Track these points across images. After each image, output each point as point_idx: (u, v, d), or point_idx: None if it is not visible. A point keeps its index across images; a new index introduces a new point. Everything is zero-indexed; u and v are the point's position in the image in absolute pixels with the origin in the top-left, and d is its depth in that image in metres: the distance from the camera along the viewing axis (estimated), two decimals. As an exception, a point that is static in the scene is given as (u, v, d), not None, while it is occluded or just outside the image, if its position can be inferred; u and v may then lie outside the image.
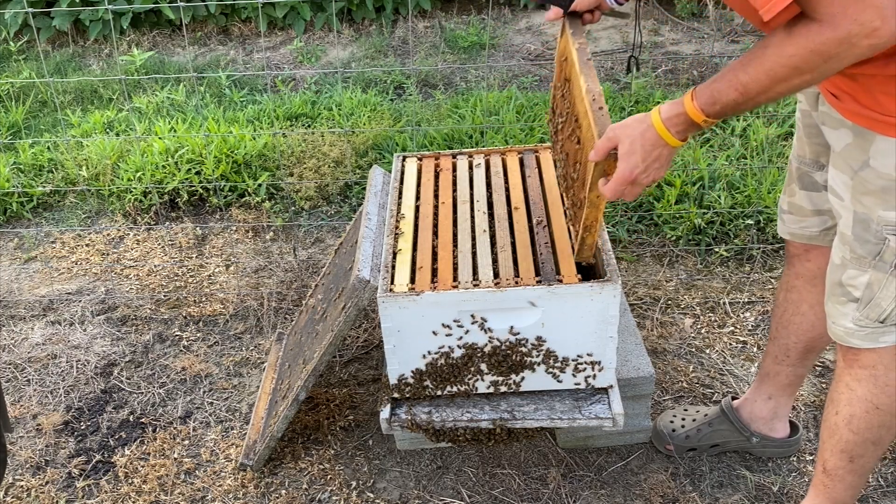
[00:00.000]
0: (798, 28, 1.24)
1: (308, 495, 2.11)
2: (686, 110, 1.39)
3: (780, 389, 2.05)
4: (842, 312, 1.59)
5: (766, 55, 1.30)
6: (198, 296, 2.84)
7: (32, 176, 3.45)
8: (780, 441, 2.11)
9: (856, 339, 1.59)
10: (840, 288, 1.57)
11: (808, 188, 1.80)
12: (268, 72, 3.70)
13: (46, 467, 2.24)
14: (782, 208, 1.91)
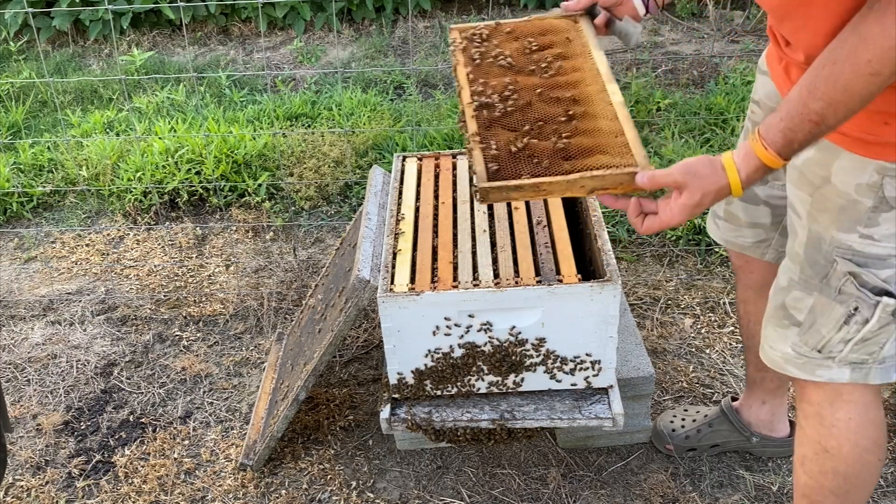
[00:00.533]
0: (869, 27, 1.13)
1: (308, 495, 2.11)
2: (764, 162, 1.25)
3: (771, 393, 2.05)
4: (782, 336, 1.51)
5: (839, 71, 1.16)
6: (198, 296, 2.84)
7: (32, 176, 3.45)
8: (780, 440, 2.11)
9: (792, 366, 1.51)
10: (783, 311, 1.50)
11: (748, 201, 1.75)
12: (268, 72, 3.70)
13: (46, 467, 2.24)
14: (716, 213, 1.87)
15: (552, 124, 1.43)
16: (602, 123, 1.40)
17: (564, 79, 1.53)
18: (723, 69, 3.99)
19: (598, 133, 1.39)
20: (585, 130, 1.41)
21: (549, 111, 1.46)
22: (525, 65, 1.57)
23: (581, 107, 1.45)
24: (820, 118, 1.19)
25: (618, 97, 1.45)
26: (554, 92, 1.49)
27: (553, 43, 1.62)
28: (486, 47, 1.61)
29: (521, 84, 1.52)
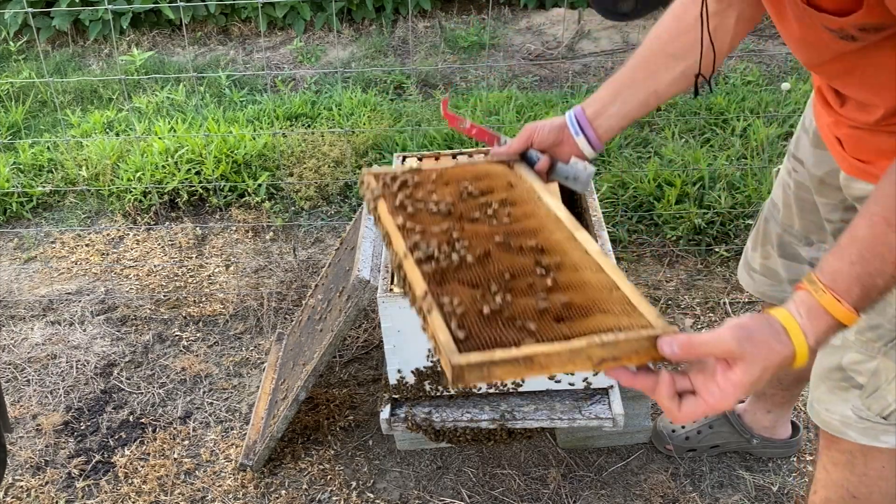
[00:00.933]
0: None
1: (308, 495, 2.11)
2: (838, 319, 1.02)
3: (778, 406, 2.04)
4: (840, 399, 1.36)
5: None
6: (198, 296, 2.84)
7: (32, 176, 3.45)
8: (781, 442, 2.11)
9: (853, 431, 1.36)
10: (839, 372, 1.35)
11: (789, 258, 1.65)
12: (268, 72, 3.70)
13: (46, 467, 2.24)
14: (752, 266, 1.75)
15: (525, 277, 1.12)
16: (588, 276, 1.12)
17: (520, 226, 1.24)
18: (723, 69, 3.99)
19: (587, 287, 1.10)
20: (570, 285, 1.11)
21: (515, 262, 1.15)
22: (467, 211, 1.28)
23: (553, 256, 1.17)
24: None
25: (593, 245, 1.17)
26: (514, 239, 1.20)
27: (493, 188, 1.36)
28: (414, 192, 1.34)
29: (468, 232, 1.22)
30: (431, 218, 1.26)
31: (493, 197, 1.32)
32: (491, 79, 4.15)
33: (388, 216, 1.26)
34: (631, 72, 1.40)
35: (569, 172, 1.41)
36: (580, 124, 1.40)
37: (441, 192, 1.34)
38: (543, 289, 1.09)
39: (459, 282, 1.11)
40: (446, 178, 1.38)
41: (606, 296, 1.08)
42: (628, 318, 1.03)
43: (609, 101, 1.40)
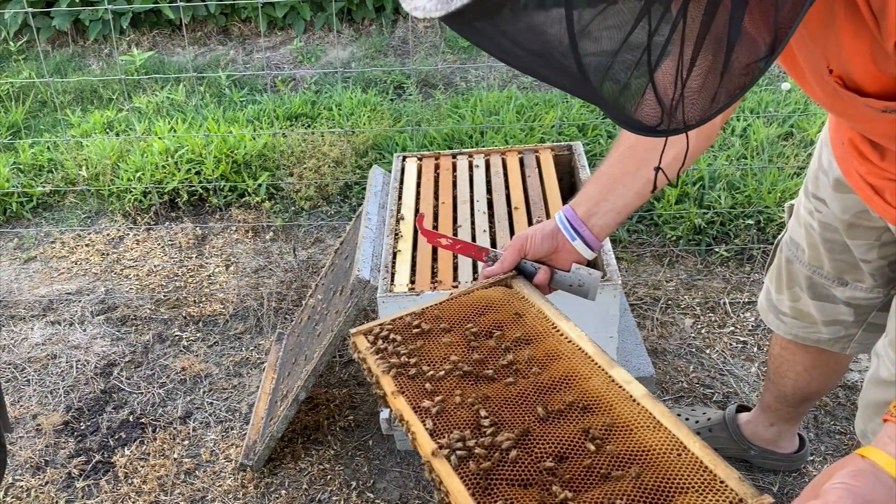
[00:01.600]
0: None
1: (308, 495, 2.11)
2: None
3: (783, 421, 2.00)
4: None
5: None
6: (198, 296, 2.84)
7: (32, 176, 3.45)
8: (783, 455, 2.06)
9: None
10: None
11: (822, 299, 1.59)
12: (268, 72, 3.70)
13: (46, 467, 2.24)
14: (780, 310, 1.69)
15: (579, 458, 0.96)
16: (647, 437, 0.97)
17: (549, 375, 1.08)
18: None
19: (651, 457, 0.95)
20: (631, 455, 0.95)
21: (560, 435, 0.99)
22: (480, 367, 1.11)
23: (600, 416, 1.01)
24: None
25: (637, 388, 1.02)
26: (549, 400, 1.04)
27: (500, 323, 1.19)
28: (414, 350, 1.15)
29: (495, 400, 1.05)
30: (444, 386, 1.09)
31: (505, 338, 1.16)
32: (491, 79, 4.15)
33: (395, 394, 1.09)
34: (620, 164, 1.28)
35: (573, 280, 1.30)
36: (574, 227, 1.29)
37: (445, 344, 1.16)
38: (604, 469, 0.94)
39: (510, 482, 0.95)
40: (444, 320, 1.20)
41: (676, 463, 0.94)
42: (713, 494, 0.89)
43: (601, 197, 1.29)
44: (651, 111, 0.77)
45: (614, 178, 1.28)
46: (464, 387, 1.08)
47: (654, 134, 0.79)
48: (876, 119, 1.02)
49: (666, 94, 0.75)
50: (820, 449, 2.15)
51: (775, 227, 2.87)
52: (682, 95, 0.76)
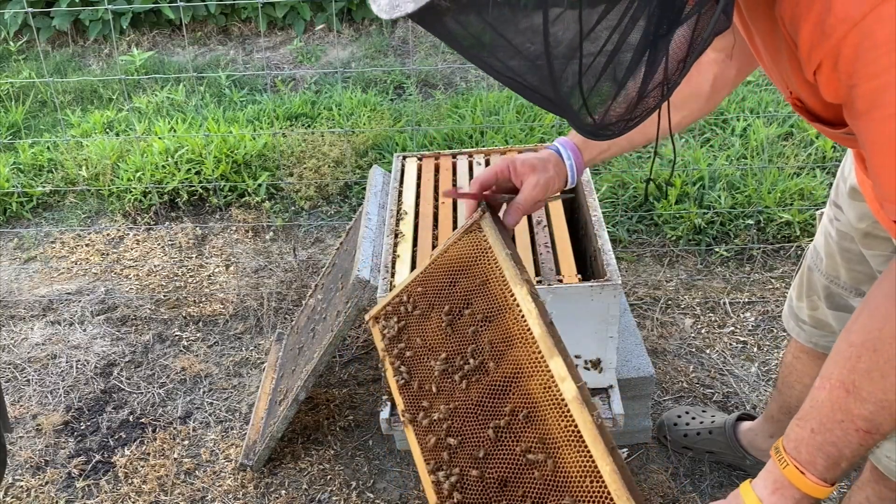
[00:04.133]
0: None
1: (308, 495, 2.11)
2: (805, 492, 0.96)
3: (781, 433, 1.98)
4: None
5: (885, 360, 0.89)
6: (198, 296, 2.84)
7: (32, 176, 3.45)
8: None
9: None
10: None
11: (840, 309, 1.59)
12: (268, 72, 3.70)
13: (46, 467, 2.24)
14: (800, 317, 1.70)
15: (519, 484, 1.14)
16: (565, 456, 1.09)
17: (500, 373, 1.22)
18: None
19: (567, 481, 1.08)
20: (554, 482, 1.10)
21: (505, 459, 1.17)
22: (450, 363, 1.29)
23: (534, 429, 1.14)
24: (873, 427, 0.90)
25: (569, 388, 1.11)
26: (497, 411, 1.20)
27: (469, 298, 1.32)
28: (401, 349, 1.37)
29: (459, 415, 1.24)
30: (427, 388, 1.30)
31: (473, 316, 1.29)
32: (491, 79, 4.15)
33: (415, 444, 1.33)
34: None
35: (554, 199, 1.38)
36: (569, 150, 1.36)
37: (428, 331, 1.34)
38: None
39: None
40: (430, 296, 1.36)
41: (584, 490, 1.04)
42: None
43: (605, 146, 1.37)
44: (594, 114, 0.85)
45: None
46: (441, 388, 1.28)
47: (593, 136, 0.88)
48: (842, 138, 1.05)
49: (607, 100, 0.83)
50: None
51: (775, 227, 2.87)
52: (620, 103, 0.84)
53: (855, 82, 0.83)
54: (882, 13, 0.78)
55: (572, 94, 0.82)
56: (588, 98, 0.82)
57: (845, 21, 0.80)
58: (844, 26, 0.80)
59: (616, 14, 0.77)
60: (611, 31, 0.78)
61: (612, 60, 0.80)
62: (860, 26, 0.79)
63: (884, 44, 0.79)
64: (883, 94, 0.82)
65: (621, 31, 0.78)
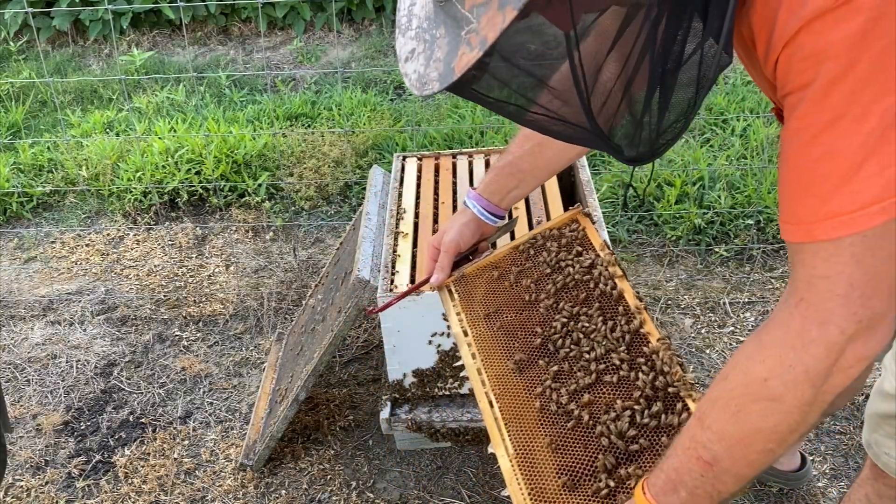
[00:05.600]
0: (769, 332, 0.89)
1: (308, 495, 2.11)
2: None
3: None
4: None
5: (729, 390, 0.91)
6: (198, 296, 2.84)
7: (32, 176, 3.45)
8: (781, 472, 2.03)
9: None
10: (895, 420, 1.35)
11: None
12: (268, 72, 3.70)
13: (46, 467, 2.24)
14: None
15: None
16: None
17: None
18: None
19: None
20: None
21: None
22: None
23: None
24: (710, 457, 0.91)
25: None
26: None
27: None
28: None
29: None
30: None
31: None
32: (491, 79, 4.15)
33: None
34: (531, 158, 1.42)
35: (500, 233, 1.55)
36: (493, 214, 1.48)
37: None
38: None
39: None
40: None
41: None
42: None
43: (512, 186, 1.46)
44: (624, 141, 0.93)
45: (524, 172, 1.44)
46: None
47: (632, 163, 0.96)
48: None
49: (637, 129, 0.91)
50: (819, 448, 2.15)
51: (775, 227, 2.87)
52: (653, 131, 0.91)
53: (785, 93, 0.86)
54: (813, 27, 0.79)
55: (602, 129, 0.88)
56: (613, 134, 0.90)
57: (783, 37, 0.82)
58: (783, 41, 0.82)
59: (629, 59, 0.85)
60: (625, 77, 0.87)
61: (627, 100, 0.88)
62: (794, 39, 0.81)
63: (810, 56, 0.80)
64: (797, 107, 0.84)
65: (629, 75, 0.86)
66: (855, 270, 0.82)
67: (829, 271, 0.84)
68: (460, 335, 1.37)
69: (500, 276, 1.44)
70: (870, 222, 0.80)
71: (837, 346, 0.84)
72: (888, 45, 0.77)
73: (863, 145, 0.79)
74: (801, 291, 0.87)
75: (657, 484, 0.97)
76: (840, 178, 0.81)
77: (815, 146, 0.82)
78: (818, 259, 0.85)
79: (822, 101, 0.81)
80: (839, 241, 0.82)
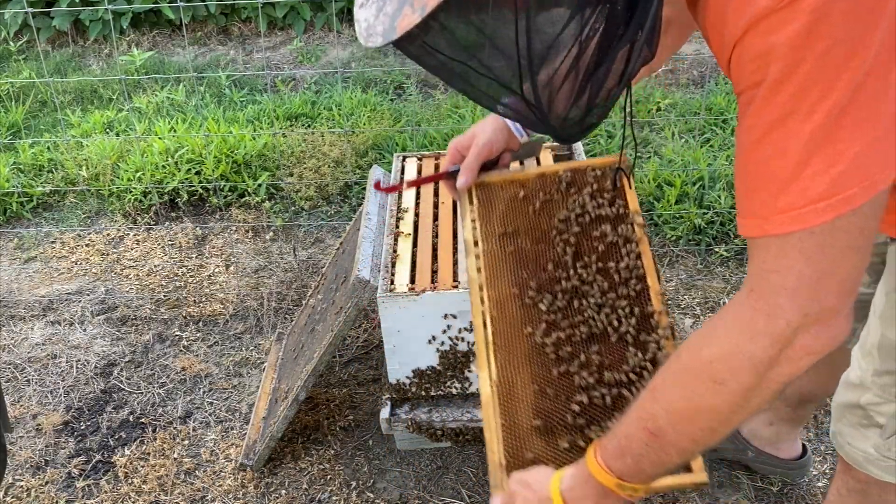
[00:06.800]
0: (722, 317, 0.93)
1: (308, 495, 2.11)
2: (591, 472, 1.00)
3: (781, 421, 1.98)
4: (861, 436, 1.37)
5: (681, 368, 0.95)
6: (198, 296, 2.84)
7: (32, 176, 3.45)
8: (781, 461, 2.04)
9: (875, 468, 1.37)
10: (860, 410, 1.35)
11: None
12: (268, 72, 3.70)
13: (46, 467, 2.24)
14: None
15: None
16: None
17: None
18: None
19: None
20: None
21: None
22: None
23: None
24: (656, 428, 0.94)
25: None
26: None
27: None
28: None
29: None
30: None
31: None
32: (491, 79, 4.15)
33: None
34: None
35: (527, 152, 1.50)
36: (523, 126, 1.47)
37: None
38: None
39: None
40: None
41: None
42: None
43: None
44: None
45: None
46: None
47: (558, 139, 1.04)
48: None
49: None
50: (820, 448, 2.15)
51: (775, 227, 2.87)
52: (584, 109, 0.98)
53: (739, 91, 0.89)
54: (759, 28, 0.82)
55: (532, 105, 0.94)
56: (543, 112, 0.95)
57: (733, 37, 0.85)
58: (733, 41, 0.85)
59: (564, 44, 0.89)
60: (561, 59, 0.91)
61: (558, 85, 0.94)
62: (742, 40, 0.84)
63: (758, 57, 0.83)
64: (749, 105, 0.86)
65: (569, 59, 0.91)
66: (804, 266, 0.85)
67: (778, 266, 0.87)
68: (470, 243, 1.34)
69: (524, 198, 1.37)
70: (817, 219, 0.83)
71: (783, 337, 0.87)
72: (831, 45, 0.79)
73: (809, 143, 0.82)
74: (753, 283, 0.91)
75: (608, 448, 1.00)
76: (789, 175, 0.84)
77: (764, 144, 0.85)
78: (769, 254, 0.88)
79: (770, 100, 0.83)
80: (788, 237, 0.86)
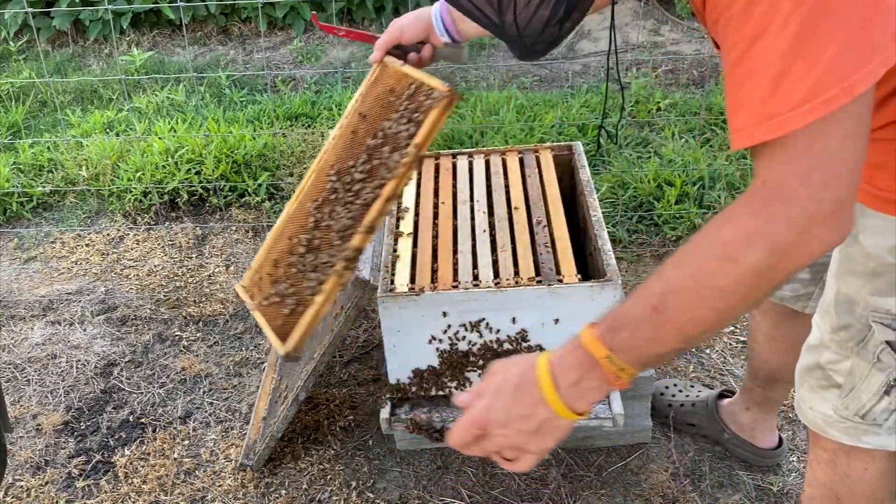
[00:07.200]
0: (743, 201, 0.96)
1: (308, 495, 2.11)
2: (582, 342, 1.00)
3: (756, 406, 2.04)
4: (820, 397, 1.37)
5: (693, 250, 0.97)
6: (198, 296, 2.84)
7: (32, 176, 3.45)
8: (756, 448, 2.08)
9: (834, 430, 1.37)
10: (819, 371, 1.36)
11: None
12: (268, 72, 3.70)
13: (46, 467, 2.24)
14: None
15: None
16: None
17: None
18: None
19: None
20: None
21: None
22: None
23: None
24: (660, 304, 0.95)
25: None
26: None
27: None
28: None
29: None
30: None
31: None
32: (491, 79, 4.15)
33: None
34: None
35: (447, 54, 1.63)
36: (446, 26, 1.58)
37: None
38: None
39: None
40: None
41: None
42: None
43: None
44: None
45: None
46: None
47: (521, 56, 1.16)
48: None
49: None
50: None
51: (775, 227, 2.87)
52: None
53: (715, 18, 0.95)
54: None
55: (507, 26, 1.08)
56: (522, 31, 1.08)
57: None
58: None
59: None
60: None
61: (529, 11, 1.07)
62: None
63: None
64: (727, 28, 0.93)
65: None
66: (807, 158, 0.91)
67: (776, 170, 0.93)
68: (352, 110, 1.59)
69: (391, 91, 1.55)
70: (800, 122, 0.88)
71: (800, 222, 0.90)
72: None
73: (787, 52, 0.87)
74: (763, 176, 0.95)
75: (605, 321, 1.01)
76: (771, 84, 0.89)
77: (746, 60, 0.91)
78: (763, 159, 0.94)
79: (746, 18, 0.89)
80: (783, 140, 0.91)
